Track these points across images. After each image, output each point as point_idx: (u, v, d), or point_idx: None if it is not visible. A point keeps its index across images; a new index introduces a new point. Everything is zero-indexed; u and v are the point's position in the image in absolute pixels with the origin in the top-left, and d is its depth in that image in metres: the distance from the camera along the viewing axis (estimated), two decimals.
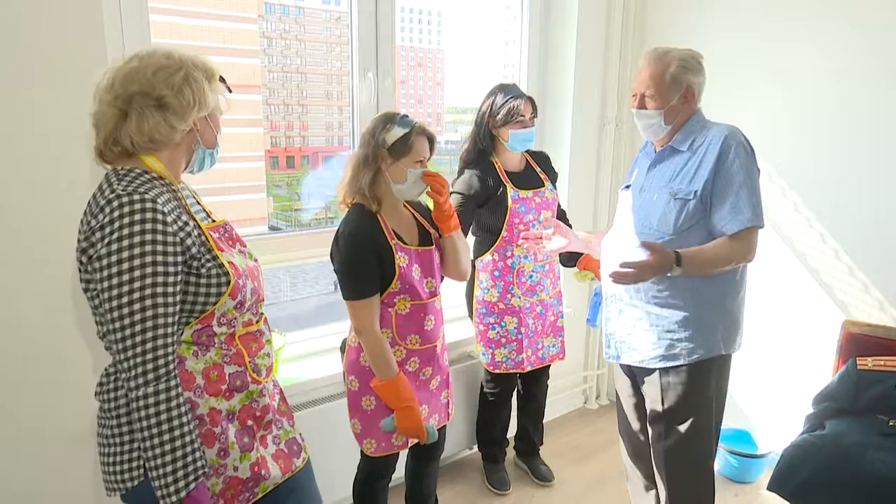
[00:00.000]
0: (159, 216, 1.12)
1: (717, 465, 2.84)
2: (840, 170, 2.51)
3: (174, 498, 1.14)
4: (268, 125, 2.48)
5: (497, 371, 2.50)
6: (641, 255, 1.71)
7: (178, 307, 1.17)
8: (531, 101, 2.37)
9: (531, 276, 2.42)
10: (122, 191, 1.13)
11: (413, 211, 1.89)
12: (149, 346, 1.12)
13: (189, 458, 1.15)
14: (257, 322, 1.37)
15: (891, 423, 1.98)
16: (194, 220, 1.25)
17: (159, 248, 1.12)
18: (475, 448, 2.88)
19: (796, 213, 2.65)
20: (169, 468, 1.14)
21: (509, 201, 2.35)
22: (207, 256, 1.23)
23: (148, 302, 1.11)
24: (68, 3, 1.65)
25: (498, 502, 2.56)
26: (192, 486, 1.15)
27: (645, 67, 1.84)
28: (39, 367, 1.76)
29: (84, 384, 1.81)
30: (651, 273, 1.71)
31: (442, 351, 1.93)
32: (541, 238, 2.18)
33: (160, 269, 1.12)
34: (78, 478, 1.85)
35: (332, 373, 2.29)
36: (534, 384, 2.68)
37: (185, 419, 1.15)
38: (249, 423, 1.33)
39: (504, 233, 2.38)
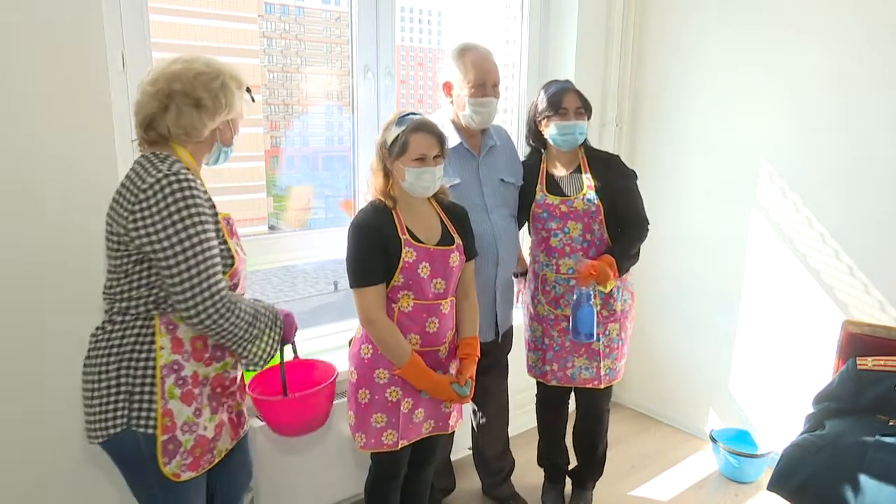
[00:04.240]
0: (200, 192, 1.33)
1: (718, 465, 2.85)
2: (840, 170, 2.51)
3: (277, 344, 1.52)
4: (268, 125, 2.48)
5: (532, 375, 2.39)
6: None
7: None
8: (577, 93, 2.13)
9: (554, 288, 2.21)
10: (168, 170, 1.31)
11: (441, 210, 1.85)
12: (213, 281, 1.32)
13: (269, 321, 1.49)
14: None
15: (891, 423, 1.98)
16: (213, 207, 1.42)
17: (206, 212, 1.34)
18: None
19: (797, 213, 2.66)
20: (266, 336, 1.47)
21: (533, 205, 2.20)
22: (221, 239, 1.40)
23: (202, 247, 1.31)
24: (68, 3, 1.65)
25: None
26: (281, 325, 1.52)
27: None
28: (39, 366, 1.76)
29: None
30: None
31: (448, 358, 1.85)
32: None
33: (208, 226, 1.33)
34: (78, 477, 1.86)
35: None
36: (581, 408, 2.42)
37: (250, 309, 1.43)
38: (218, 389, 1.49)
39: (531, 235, 2.29)
